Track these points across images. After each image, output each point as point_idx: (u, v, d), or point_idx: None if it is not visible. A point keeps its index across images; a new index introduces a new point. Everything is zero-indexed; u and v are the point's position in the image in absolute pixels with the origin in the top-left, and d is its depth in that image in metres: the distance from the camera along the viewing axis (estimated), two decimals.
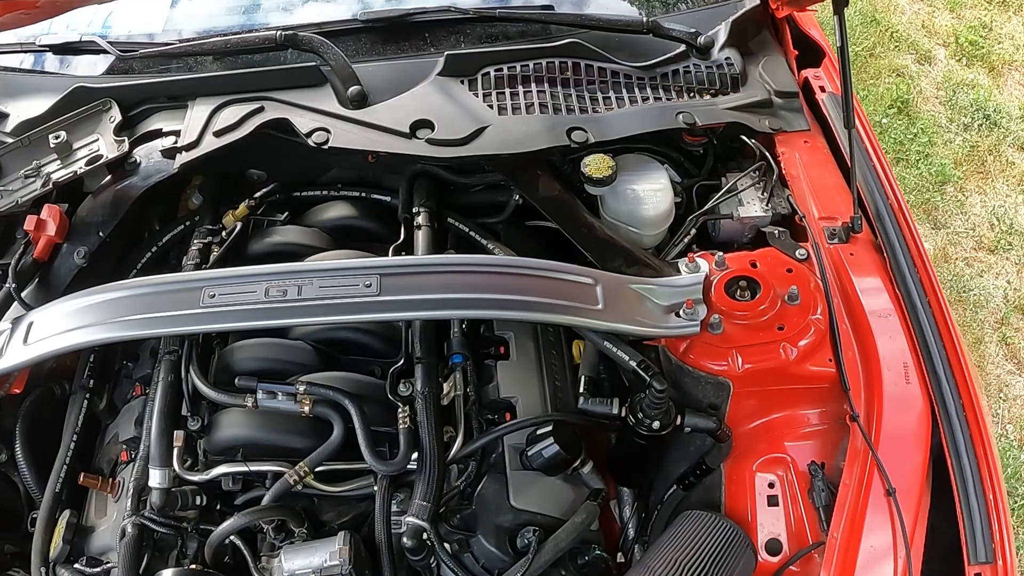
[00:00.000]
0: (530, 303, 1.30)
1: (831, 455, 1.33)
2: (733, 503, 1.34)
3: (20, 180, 1.56)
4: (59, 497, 1.41)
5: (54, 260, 1.53)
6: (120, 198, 1.57)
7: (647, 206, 1.55)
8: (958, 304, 3.02)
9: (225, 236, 1.63)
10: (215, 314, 1.27)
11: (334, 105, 1.59)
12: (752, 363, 1.32)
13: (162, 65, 1.78)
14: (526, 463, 1.34)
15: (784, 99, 1.67)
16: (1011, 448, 2.68)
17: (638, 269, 1.44)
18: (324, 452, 1.30)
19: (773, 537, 1.29)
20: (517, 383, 1.43)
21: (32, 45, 1.78)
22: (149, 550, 1.32)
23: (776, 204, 1.56)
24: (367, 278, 1.30)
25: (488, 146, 1.51)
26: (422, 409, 1.32)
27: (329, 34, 1.71)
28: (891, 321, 1.37)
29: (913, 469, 1.25)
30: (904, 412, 1.29)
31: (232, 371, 1.38)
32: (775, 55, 1.76)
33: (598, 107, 1.61)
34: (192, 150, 1.53)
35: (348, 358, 1.48)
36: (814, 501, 1.29)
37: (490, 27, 1.80)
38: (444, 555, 1.24)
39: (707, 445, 1.37)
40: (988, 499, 1.22)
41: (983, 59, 3.86)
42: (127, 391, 1.54)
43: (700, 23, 1.78)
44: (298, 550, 1.25)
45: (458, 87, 1.62)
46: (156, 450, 1.33)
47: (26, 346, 1.32)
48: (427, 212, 1.60)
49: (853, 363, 1.34)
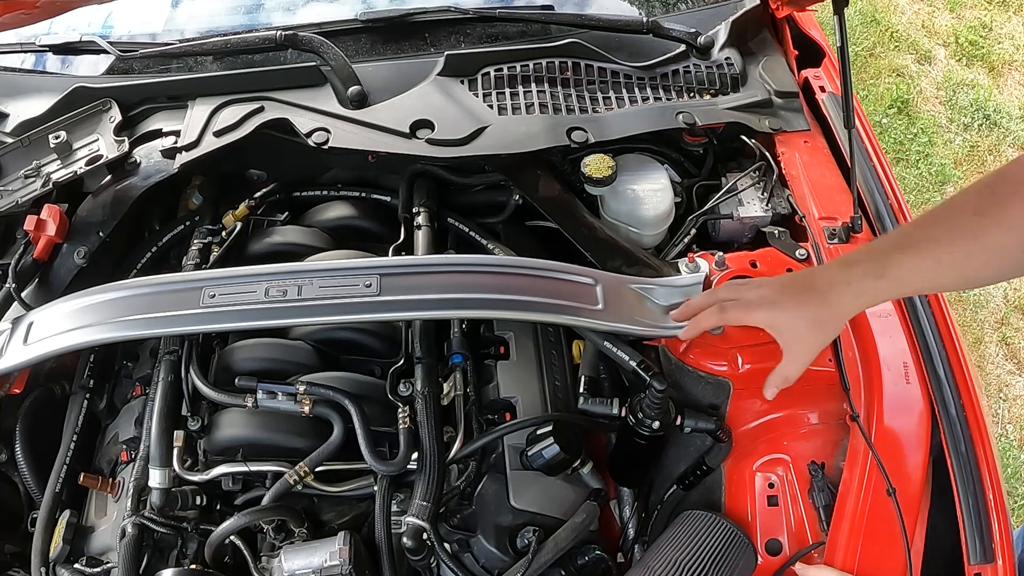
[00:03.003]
0: (530, 303, 1.30)
1: (831, 455, 1.33)
2: (733, 503, 1.34)
3: (20, 180, 1.56)
4: (59, 497, 1.41)
5: (54, 260, 1.53)
6: (120, 198, 1.57)
7: (647, 206, 1.55)
8: (958, 304, 3.02)
9: (225, 236, 1.62)
10: (215, 314, 1.28)
11: (334, 105, 1.59)
12: (752, 363, 1.32)
13: (162, 65, 1.78)
14: (526, 463, 1.34)
15: (784, 99, 1.67)
16: (1011, 448, 2.68)
17: (638, 269, 1.44)
18: (324, 452, 1.30)
19: (773, 537, 1.29)
20: (517, 383, 1.43)
21: (32, 45, 1.77)
22: (149, 550, 1.31)
23: (776, 204, 1.56)
24: (367, 278, 1.30)
25: (488, 146, 1.51)
26: (422, 409, 1.32)
27: (329, 34, 1.71)
28: (891, 321, 1.37)
29: (913, 469, 1.25)
30: (904, 412, 1.30)
31: (232, 371, 1.38)
32: (775, 55, 1.76)
33: (598, 107, 1.61)
34: (192, 150, 1.53)
35: (348, 358, 1.48)
36: (814, 501, 1.29)
37: (490, 27, 1.80)
38: (444, 555, 1.24)
39: (707, 445, 1.37)
40: (988, 499, 1.22)
41: (983, 59, 3.86)
42: (127, 391, 1.54)
43: (700, 23, 1.78)
44: (298, 550, 1.25)
45: (458, 87, 1.62)
46: (156, 450, 1.33)
47: (26, 346, 1.32)
48: (427, 212, 1.60)
49: (853, 363, 1.34)
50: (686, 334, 1.20)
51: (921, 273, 1.04)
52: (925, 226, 1.05)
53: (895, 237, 1.09)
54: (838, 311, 1.08)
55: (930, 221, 1.05)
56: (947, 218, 1.02)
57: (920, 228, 1.05)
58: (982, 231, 0.99)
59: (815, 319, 1.09)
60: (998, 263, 1.03)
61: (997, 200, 0.98)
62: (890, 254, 1.04)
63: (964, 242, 1.00)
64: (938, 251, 1.02)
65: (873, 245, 1.10)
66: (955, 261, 1.02)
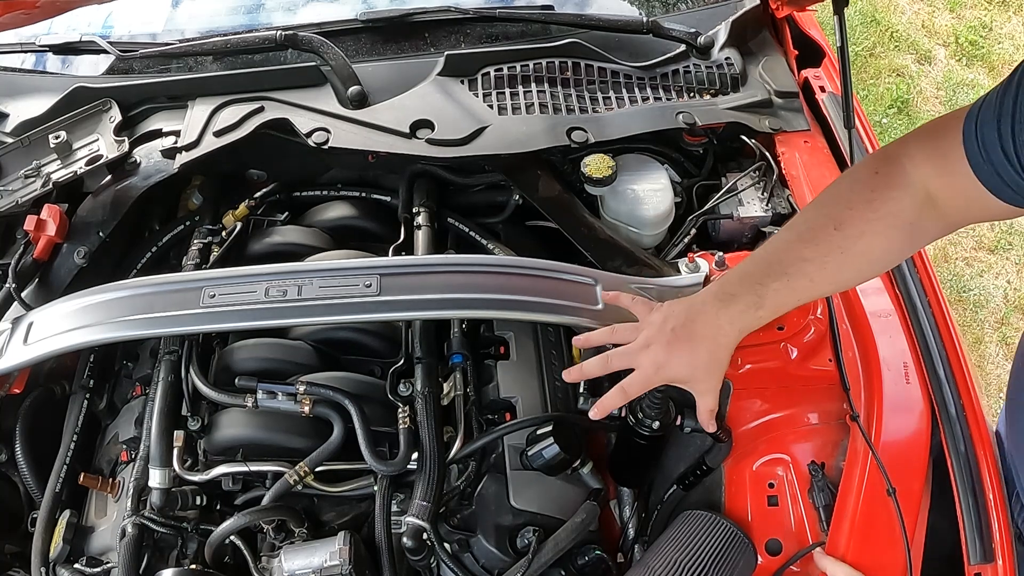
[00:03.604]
0: (530, 303, 1.30)
1: (831, 455, 1.33)
2: (733, 503, 1.34)
3: (20, 180, 1.56)
4: (59, 497, 1.41)
5: (54, 260, 1.53)
6: (120, 198, 1.57)
7: (647, 206, 1.55)
8: (958, 304, 3.02)
9: (225, 236, 1.62)
10: (215, 314, 1.28)
11: (334, 105, 1.59)
12: (752, 363, 1.32)
13: (162, 65, 1.78)
14: (526, 463, 1.34)
15: (784, 99, 1.67)
16: None
17: (638, 269, 1.44)
18: (324, 452, 1.30)
19: (773, 537, 1.29)
20: (517, 383, 1.43)
21: (32, 45, 1.77)
22: (149, 550, 1.31)
23: (776, 204, 1.56)
24: (367, 278, 1.30)
25: (488, 146, 1.51)
26: (422, 409, 1.32)
27: (329, 34, 1.71)
28: (891, 321, 1.37)
29: (913, 469, 1.25)
30: (904, 412, 1.30)
31: (232, 371, 1.38)
32: (775, 55, 1.76)
33: (598, 107, 1.61)
34: (192, 150, 1.53)
35: (348, 358, 1.48)
36: (814, 501, 1.29)
37: (490, 27, 1.80)
38: (444, 555, 1.24)
39: (707, 445, 1.37)
40: (988, 499, 1.22)
41: (983, 59, 3.86)
42: (127, 391, 1.54)
43: (700, 23, 1.78)
44: (298, 550, 1.25)
45: (458, 87, 1.62)
46: (156, 450, 1.33)
47: (26, 346, 1.32)
48: (427, 212, 1.60)
49: (853, 363, 1.34)
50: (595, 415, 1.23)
51: (797, 294, 1.13)
52: (792, 247, 1.11)
53: (766, 263, 1.14)
54: (725, 345, 1.16)
55: (796, 242, 1.11)
56: (812, 238, 1.09)
57: (789, 251, 1.11)
58: (846, 243, 1.07)
59: (709, 361, 1.17)
60: (867, 267, 1.15)
61: (852, 211, 1.07)
62: (766, 283, 1.12)
63: (832, 257, 1.08)
64: (810, 270, 1.09)
65: (746, 272, 1.15)
66: (827, 276, 1.10)
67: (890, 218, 1.06)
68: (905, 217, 1.06)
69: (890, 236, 1.07)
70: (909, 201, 1.05)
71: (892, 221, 1.06)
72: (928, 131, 1.05)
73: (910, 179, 1.05)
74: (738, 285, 1.15)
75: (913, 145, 1.06)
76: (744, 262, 1.18)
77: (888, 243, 1.08)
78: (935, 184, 1.04)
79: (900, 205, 1.05)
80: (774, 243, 1.15)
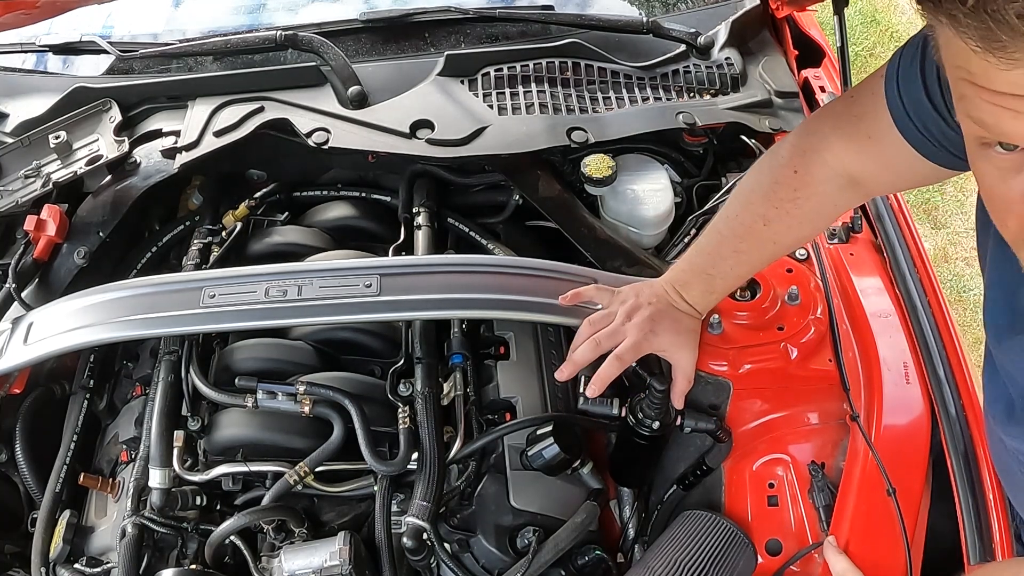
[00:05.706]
0: (530, 303, 1.30)
1: (831, 455, 1.33)
2: (733, 503, 1.34)
3: (20, 180, 1.56)
4: (59, 497, 1.41)
5: (54, 260, 1.53)
6: (120, 198, 1.57)
7: (647, 206, 1.55)
8: (958, 304, 3.02)
9: (225, 236, 1.62)
10: (215, 314, 1.28)
11: (334, 105, 1.59)
12: (752, 363, 1.32)
13: (162, 65, 1.78)
14: (526, 463, 1.34)
15: (784, 99, 1.67)
16: None
17: (638, 269, 1.44)
18: (324, 452, 1.30)
19: (773, 537, 1.29)
20: (517, 383, 1.43)
21: (32, 45, 1.77)
22: (149, 550, 1.31)
23: None
24: (367, 278, 1.30)
25: (488, 146, 1.51)
26: (422, 409, 1.32)
27: (329, 34, 1.71)
28: (891, 321, 1.37)
29: (913, 469, 1.25)
30: (904, 412, 1.29)
31: (232, 371, 1.38)
32: (775, 55, 1.76)
33: (598, 107, 1.61)
34: (192, 150, 1.53)
35: (348, 358, 1.48)
36: (814, 501, 1.29)
37: (490, 27, 1.81)
38: (444, 555, 1.24)
39: (707, 445, 1.37)
40: (988, 499, 1.22)
41: None
42: (127, 391, 1.54)
43: (700, 23, 1.78)
44: (298, 550, 1.25)
45: (458, 87, 1.62)
46: (156, 450, 1.32)
47: (26, 346, 1.32)
48: (427, 212, 1.60)
49: (853, 363, 1.34)
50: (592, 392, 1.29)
51: (739, 278, 1.28)
52: (727, 242, 1.21)
53: (707, 255, 1.24)
54: (697, 320, 1.29)
55: (731, 238, 1.21)
56: (745, 234, 1.19)
57: (724, 244, 1.22)
58: (777, 236, 1.18)
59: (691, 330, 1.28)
60: (802, 242, 1.36)
61: (778, 209, 1.15)
62: (711, 272, 1.23)
63: (767, 247, 1.21)
64: (749, 258, 1.22)
65: (692, 263, 1.26)
66: (763, 259, 1.24)
67: (816, 209, 1.15)
68: (830, 203, 1.15)
69: (817, 222, 1.20)
70: (833, 190, 1.12)
71: (818, 211, 1.15)
72: (840, 114, 1.08)
73: (831, 171, 1.09)
74: (689, 274, 1.26)
75: (831, 136, 1.08)
76: (689, 252, 1.27)
77: (817, 226, 1.24)
78: (858, 168, 1.07)
79: (824, 197, 1.13)
80: (711, 237, 1.24)
